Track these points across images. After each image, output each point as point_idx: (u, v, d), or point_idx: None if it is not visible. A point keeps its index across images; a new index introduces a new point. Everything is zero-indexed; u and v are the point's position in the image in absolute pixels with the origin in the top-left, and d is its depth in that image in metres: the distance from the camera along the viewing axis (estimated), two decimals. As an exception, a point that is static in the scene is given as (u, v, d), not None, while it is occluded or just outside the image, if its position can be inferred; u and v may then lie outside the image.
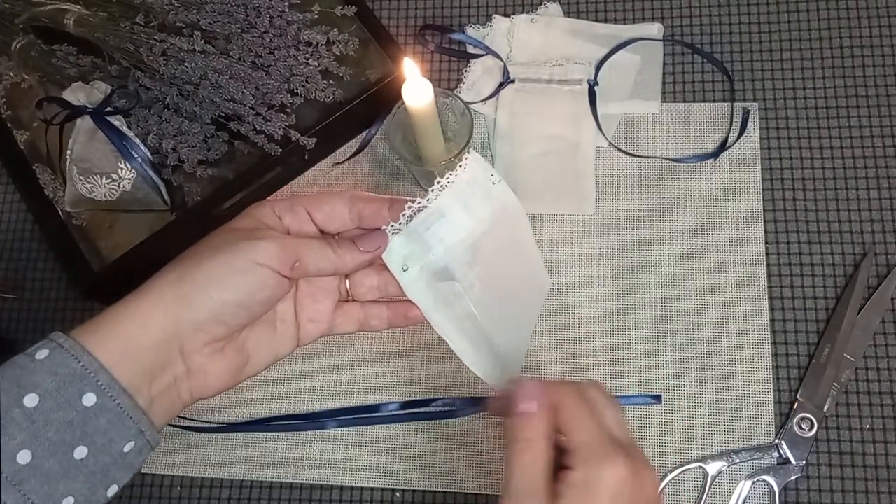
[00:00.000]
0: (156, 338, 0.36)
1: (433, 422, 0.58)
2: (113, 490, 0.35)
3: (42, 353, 0.34)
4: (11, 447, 0.33)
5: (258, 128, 0.60)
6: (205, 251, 0.38)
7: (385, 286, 0.43)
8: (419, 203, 0.41)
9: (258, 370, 0.41)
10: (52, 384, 0.33)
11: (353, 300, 0.44)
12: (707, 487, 0.54)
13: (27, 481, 0.33)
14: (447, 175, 0.41)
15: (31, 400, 0.33)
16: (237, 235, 0.38)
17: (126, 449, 0.35)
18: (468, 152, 0.42)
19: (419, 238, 0.41)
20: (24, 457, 0.33)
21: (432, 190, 0.41)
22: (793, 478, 0.54)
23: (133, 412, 0.35)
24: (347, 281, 0.43)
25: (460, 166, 0.41)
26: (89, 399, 0.34)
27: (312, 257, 0.38)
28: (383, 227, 0.40)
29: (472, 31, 0.68)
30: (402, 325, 0.43)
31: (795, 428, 0.55)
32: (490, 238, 0.42)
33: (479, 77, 0.66)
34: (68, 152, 0.61)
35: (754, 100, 0.63)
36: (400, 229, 0.41)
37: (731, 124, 0.62)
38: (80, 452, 0.34)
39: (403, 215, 0.41)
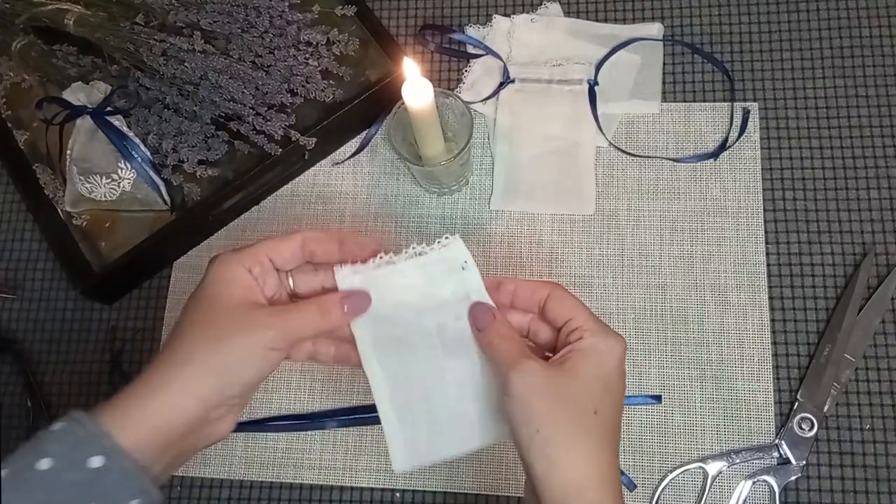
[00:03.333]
0: (183, 422, 0.39)
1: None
2: None
3: (57, 425, 0.38)
4: None
5: (258, 128, 0.60)
6: (210, 335, 0.41)
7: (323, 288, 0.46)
8: (389, 257, 0.43)
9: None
10: (61, 450, 0.37)
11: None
12: (707, 487, 0.54)
13: None
14: (423, 246, 0.44)
15: (44, 464, 0.36)
16: (235, 317, 0.41)
17: None
18: (449, 236, 0.44)
19: (375, 285, 0.43)
20: None
21: (405, 252, 0.44)
22: (793, 478, 0.54)
23: (137, 473, 0.37)
24: (291, 281, 0.45)
25: (438, 242, 0.44)
26: (96, 462, 0.37)
27: (308, 329, 0.42)
28: (340, 266, 0.44)
29: (472, 31, 0.68)
30: (345, 365, 0.46)
31: (796, 428, 0.55)
32: (440, 314, 0.44)
33: (479, 77, 0.66)
34: (68, 152, 0.61)
35: (754, 100, 0.63)
36: (358, 271, 0.43)
37: (731, 124, 0.62)
38: None
39: (373, 261, 0.43)
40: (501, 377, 0.40)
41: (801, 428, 0.55)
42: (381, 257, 0.44)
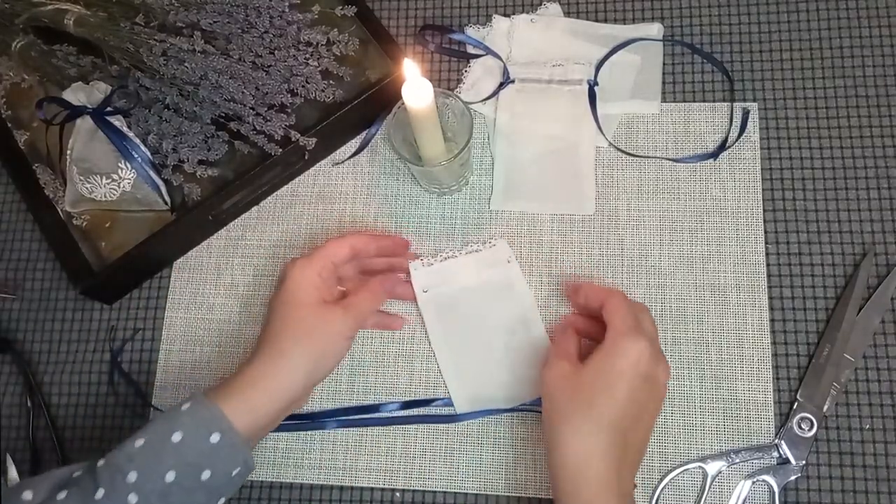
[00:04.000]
0: (278, 407, 0.50)
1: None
2: (222, 501, 0.49)
3: (186, 405, 0.48)
4: (163, 468, 0.45)
5: (258, 128, 0.60)
6: (300, 334, 0.52)
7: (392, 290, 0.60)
8: (452, 253, 0.61)
9: None
10: (191, 425, 0.47)
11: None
12: (707, 487, 0.54)
13: (171, 492, 0.46)
14: (479, 245, 0.61)
15: (177, 437, 0.46)
16: (317, 315, 0.52)
17: (233, 473, 0.48)
18: (497, 239, 0.61)
19: (440, 274, 0.60)
20: (170, 476, 0.46)
21: (464, 249, 0.61)
22: (792, 478, 0.54)
23: (243, 448, 0.48)
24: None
25: (488, 244, 0.61)
26: (215, 437, 0.47)
27: (369, 312, 0.56)
28: (412, 263, 0.60)
29: (471, 32, 0.68)
30: (384, 329, 0.61)
31: (795, 428, 0.55)
32: (491, 295, 0.60)
33: (479, 77, 0.66)
34: (68, 152, 0.61)
35: (754, 100, 0.63)
36: (432, 264, 0.60)
37: (730, 124, 0.62)
38: (206, 474, 0.47)
39: (439, 256, 0.60)
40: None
41: (800, 428, 0.55)
42: (445, 254, 0.60)
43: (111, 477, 0.45)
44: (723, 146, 0.62)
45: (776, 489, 0.53)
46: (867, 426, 0.55)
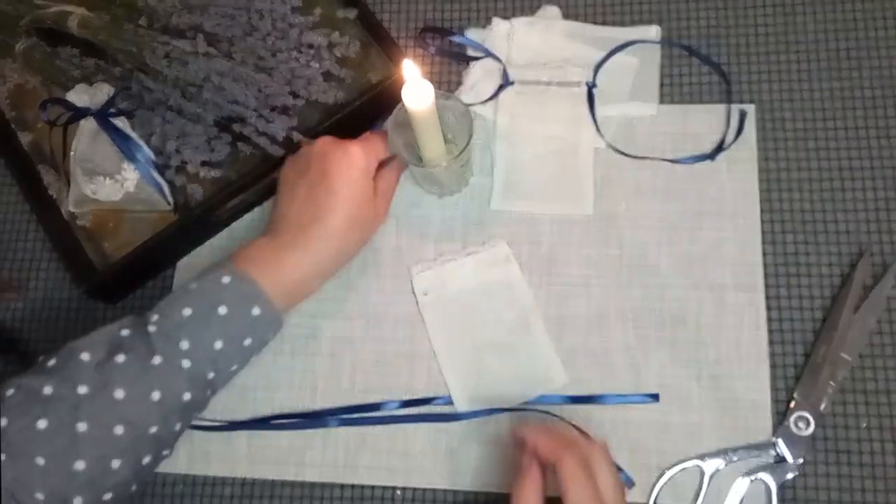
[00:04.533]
0: (306, 278, 0.55)
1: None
2: (253, 358, 0.54)
3: (226, 279, 0.52)
4: (211, 338, 0.50)
5: (261, 129, 0.61)
6: (345, 225, 0.55)
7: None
8: (451, 257, 0.61)
9: None
10: (234, 300, 0.51)
11: None
12: (704, 485, 0.54)
13: (218, 359, 0.51)
14: (477, 246, 0.62)
15: (222, 310, 0.51)
16: (369, 204, 0.57)
17: (268, 337, 0.54)
18: (497, 239, 0.62)
19: (441, 276, 0.61)
20: (218, 345, 0.50)
21: (463, 251, 0.61)
22: (790, 476, 0.54)
23: (279, 318, 0.53)
24: None
25: (487, 244, 0.61)
26: (256, 311, 0.52)
27: (378, 154, 0.58)
28: (413, 267, 0.62)
29: (471, 34, 0.68)
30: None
31: (792, 426, 0.55)
32: (489, 294, 0.60)
33: (478, 79, 0.66)
34: (72, 153, 0.62)
35: (751, 101, 0.64)
36: (431, 267, 0.61)
37: (727, 126, 0.63)
38: (248, 341, 0.52)
39: (439, 259, 0.61)
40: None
41: (797, 426, 0.55)
42: (445, 258, 0.61)
43: (165, 343, 0.49)
44: (720, 147, 0.62)
45: (773, 487, 0.54)
46: (864, 425, 0.55)
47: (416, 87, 0.52)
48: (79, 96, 0.60)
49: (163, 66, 0.59)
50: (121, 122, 0.61)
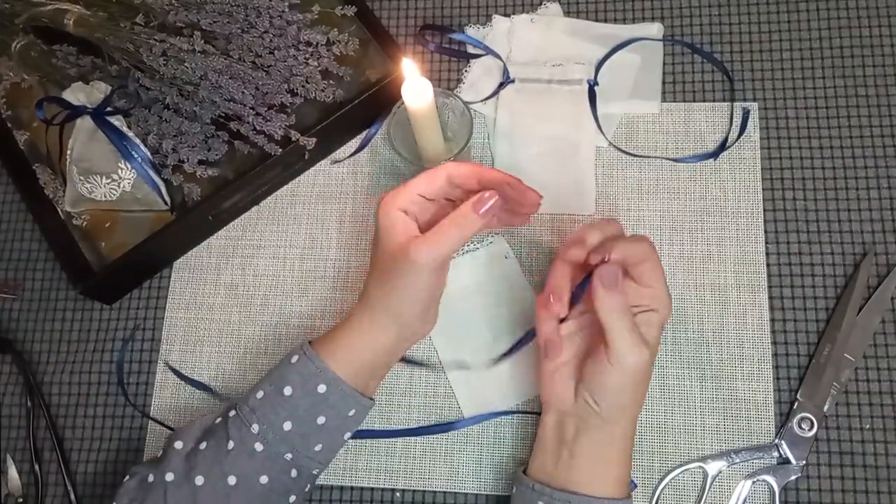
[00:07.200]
0: (375, 355, 0.51)
1: (433, 422, 0.59)
2: (347, 435, 0.52)
3: (294, 358, 0.51)
4: (279, 420, 0.49)
5: (258, 128, 0.60)
6: (385, 285, 0.50)
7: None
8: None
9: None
10: (298, 380, 0.50)
11: None
12: (707, 487, 0.54)
13: (291, 440, 0.49)
14: (475, 244, 0.61)
15: (287, 390, 0.50)
16: (398, 261, 0.48)
17: (350, 413, 0.51)
18: (495, 235, 0.61)
19: None
20: (287, 426, 0.49)
21: (462, 249, 0.60)
22: (793, 477, 0.54)
23: (351, 392, 0.50)
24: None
25: (486, 241, 0.61)
26: (322, 388, 0.50)
27: (454, 247, 0.49)
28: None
29: (471, 31, 0.68)
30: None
31: (795, 428, 0.55)
32: (488, 292, 0.60)
33: (478, 77, 0.66)
34: (68, 152, 0.61)
35: (754, 99, 0.63)
36: None
37: (730, 124, 0.62)
38: (321, 420, 0.50)
39: None
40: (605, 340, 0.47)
41: (800, 428, 0.55)
42: None
43: (238, 428, 0.49)
44: (723, 146, 0.62)
45: (776, 489, 0.53)
46: (867, 426, 0.55)
47: (415, 85, 0.51)
48: (75, 95, 0.60)
49: (159, 64, 0.58)
50: (117, 121, 0.61)
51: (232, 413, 0.50)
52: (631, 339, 0.46)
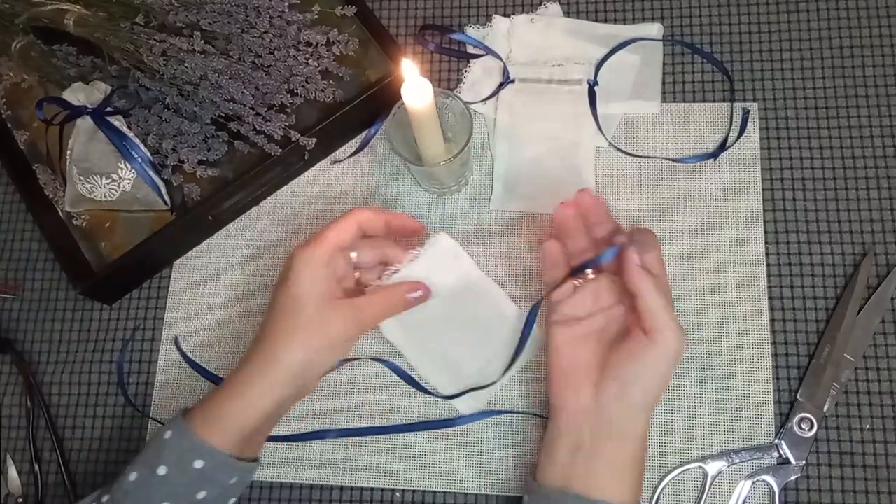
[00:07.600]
0: (262, 418, 0.50)
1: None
2: (232, 501, 0.51)
3: (167, 434, 0.49)
4: (156, 501, 0.47)
5: (258, 128, 0.60)
6: (296, 341, 0.50)
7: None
8: (395, 269, 0.55)
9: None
10: (173, 458, 0.48)
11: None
12: (707, 487, 0.54)
13: None
14: (417, 249, 0.56)
15: (162, 470, 0.47)
16: (324, 312, 0.50)
17: (231, 482, 0.49)
18: (436, 234, 0.57)
19: None
20: None
21: (406, 258, 0.55)
22: (793, 478, 0.54)
23: (230, 462, 0.48)
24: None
25: (428, 242, 0.56)
26: (199, 464, 0.48)
27: (377, 320, 0.52)
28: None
29: (471, 32, 0.68)
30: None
31: (795, 428, 0.55)
32: (450, 288, 0.57)
33: (478, 77, 0.66)
34: (68, 152, 0.61)
35: (754, 100, 0.63)
36: (380, 284, 0.55)
37: (730, 124, 0.62)
38: (201, 494, 0.48)
39: (387, 272, 0.55)
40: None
41: (800, 428, 0.55)
42: (390, 268, 0.55)
43: None
44: (723, 146, 0.62)
45: (776, 489, 0.53)
46: (867, 426, 0.55)
47: (415, 86, 0.51)
48: (75, 95, 0.60)
49: (159, 64, 0.58)
50: (117, 121, 0.61)
51: (105, 497, 0.48)
52: (671, 317, 0.47)
